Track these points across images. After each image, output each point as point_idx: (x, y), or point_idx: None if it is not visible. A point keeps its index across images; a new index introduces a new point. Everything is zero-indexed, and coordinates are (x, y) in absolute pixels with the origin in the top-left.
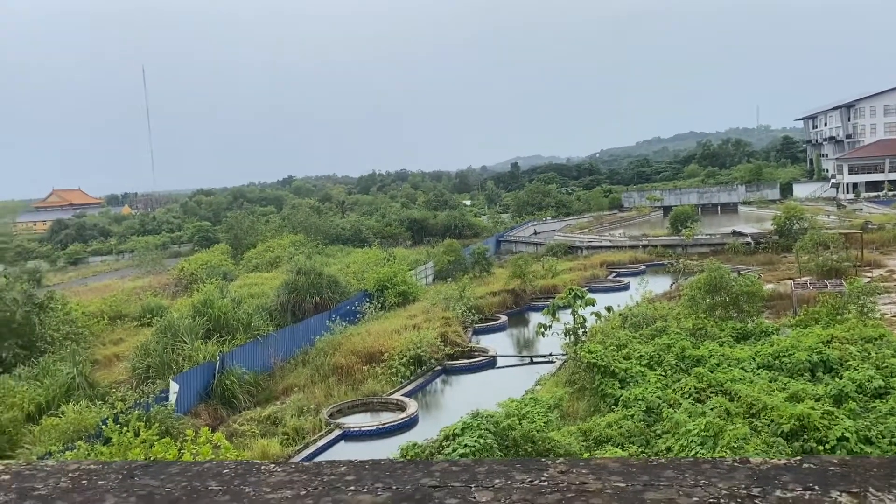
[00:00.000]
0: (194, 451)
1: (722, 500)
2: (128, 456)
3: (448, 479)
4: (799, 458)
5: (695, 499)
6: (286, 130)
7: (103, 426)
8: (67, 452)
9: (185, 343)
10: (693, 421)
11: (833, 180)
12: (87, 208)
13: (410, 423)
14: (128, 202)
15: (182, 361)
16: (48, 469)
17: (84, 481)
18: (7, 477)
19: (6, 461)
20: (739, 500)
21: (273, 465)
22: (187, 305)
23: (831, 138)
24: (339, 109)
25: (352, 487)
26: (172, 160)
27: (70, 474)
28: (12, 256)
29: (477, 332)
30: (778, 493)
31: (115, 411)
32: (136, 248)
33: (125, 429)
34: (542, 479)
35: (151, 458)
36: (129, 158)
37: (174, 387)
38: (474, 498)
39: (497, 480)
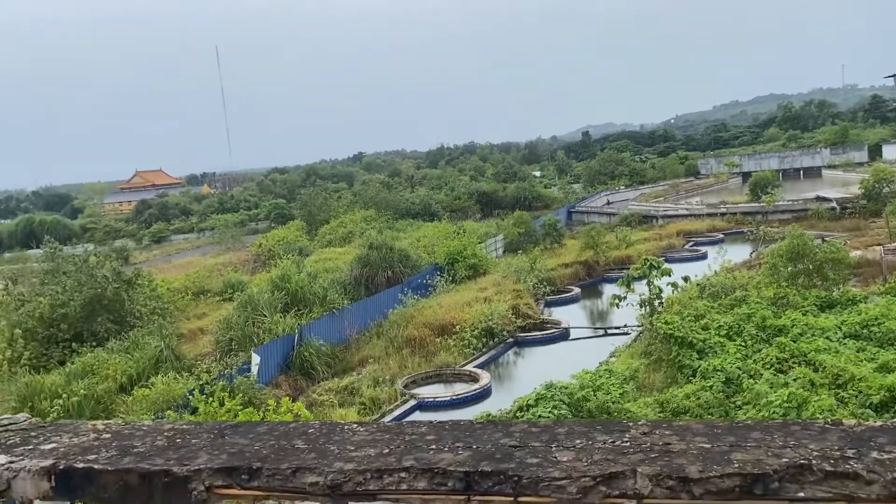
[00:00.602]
0: (276, 420)
1: (813, 462)
2: None
3: (528, 440)
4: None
5: (784, 460)
6: (356, 107)
7: (190, 396)
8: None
9: (265, 316)
10: (775, 392)
11: None
12: (168, 188)
13: (484, 394)
14: (207, 181)
15: (262, 334)
16: (145, 429)
17: (178, 440)
18: (108, 435)
19: (107, 421)
20: (832, 462)
21: (356, 426)
22: (266, 280)
23: None
24: (407, 85)
25: (433, 446)
26: (247, 140)
27: (165, 433)
28: (101, 236)
29: (549, 304)
30: (874, 454)
31: (200, 382)
32: (216, 225)
33: (211, 399)
34: (625, 440)
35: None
36: (207, 139)
37: (255, 358)
38: (555, 457)
39: (578, 441)
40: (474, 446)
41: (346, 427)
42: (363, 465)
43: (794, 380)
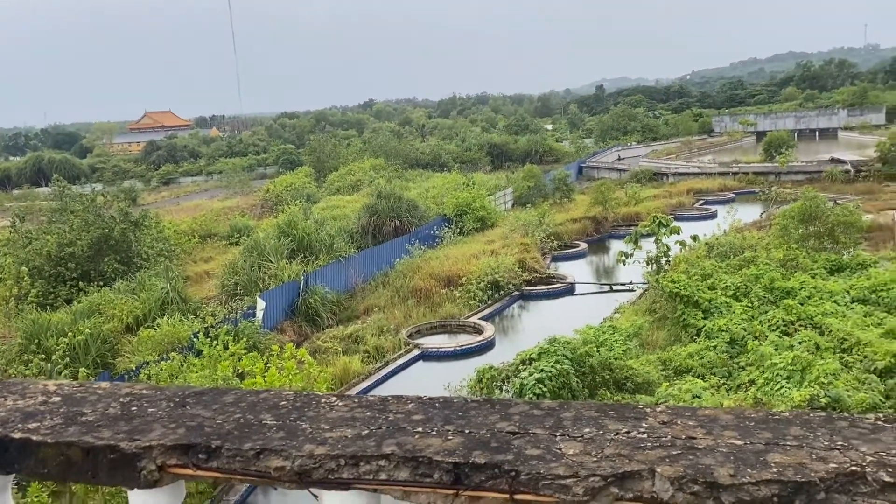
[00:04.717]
0: (280, 365)
1: (868, 469)
2: (218, 368)
3: (529, 425)
4: None
5: (831, 465)
6: (367, 52)
7: (195, 339)
8: (163, 363)
9: (271, 262)
10: (779, 354)
11: None
12: (177, 130)
13: (487, 346)
14: (215, 124)
15: (268, 279)
16: (99, 392)
17: (134, 407)
18: (58, 399)
19: (61, 381)
20: (891, 470)
21: (335, 399)
22: (273, 226)
23: None
24: (420, 31)
25: (419, 429)
26: (257, 84)
27: (121, 399)
28: (109, 176)
29: (556, 259)
30: None
31: (205, 325)
32: (224, 169)
33: (215, 342)
34: (641, 430)
35: (208, 386)
36: (217, 82)
37: (261, 303)
38: (559, 449)
39: (587, 429)
40: (467, 431)
41: (322, 401)
42: (337, 450)
43: (800, 343)
